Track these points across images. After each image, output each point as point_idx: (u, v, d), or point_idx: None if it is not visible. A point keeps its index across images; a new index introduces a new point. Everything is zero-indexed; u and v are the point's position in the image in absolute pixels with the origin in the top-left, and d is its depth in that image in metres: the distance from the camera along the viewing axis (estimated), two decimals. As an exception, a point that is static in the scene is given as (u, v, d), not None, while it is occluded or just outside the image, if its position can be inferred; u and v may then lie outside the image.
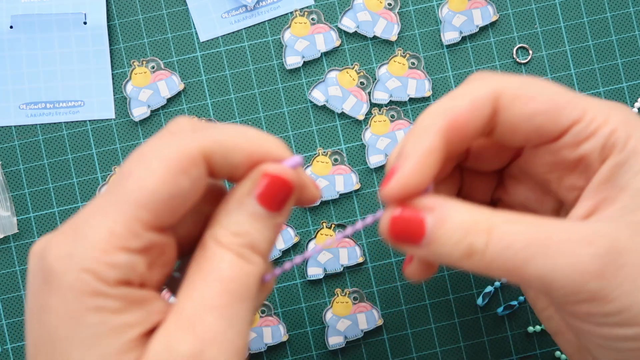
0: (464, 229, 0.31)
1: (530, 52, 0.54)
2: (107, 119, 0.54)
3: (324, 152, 0.54)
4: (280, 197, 0.32)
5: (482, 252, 0.31)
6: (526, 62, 0.54)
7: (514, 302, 0.53)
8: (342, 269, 0.53)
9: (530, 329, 0.53)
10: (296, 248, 0.53)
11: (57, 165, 0.54)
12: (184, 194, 0.30)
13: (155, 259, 0.31)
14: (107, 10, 0.54)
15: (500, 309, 0.53)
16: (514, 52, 0.54)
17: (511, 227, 0.31)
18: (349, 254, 0.53)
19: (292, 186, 0.33)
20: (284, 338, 0.53)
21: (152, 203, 0.30)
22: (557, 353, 0.53)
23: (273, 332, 0.53)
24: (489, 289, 0.53)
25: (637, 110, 0.54)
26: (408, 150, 0.32)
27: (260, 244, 0.32)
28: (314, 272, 0.53)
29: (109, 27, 0.54)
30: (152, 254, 0.31)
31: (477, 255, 0.31)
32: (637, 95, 0.54)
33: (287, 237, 0.53)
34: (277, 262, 0.53)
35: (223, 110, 0.54)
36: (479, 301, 0.53)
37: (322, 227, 0.53)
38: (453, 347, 0.53)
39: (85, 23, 0.54)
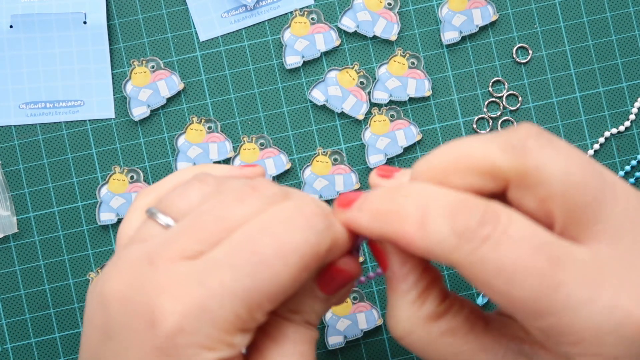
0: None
1: (530, 51, 0.54)
2: (107, 119, 0.54)
3: (324, 152, 0.54)
4: (338, 285, 0.34)
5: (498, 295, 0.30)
6: (526, 62, 0.54)
7: (514, 302, 0.53)
8: (341, 269, 0.53)
9: (530, 328, 0.53)
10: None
11: (57, 165, 0.54)
12: (301, 286, 0.32)
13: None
14: (107, 10, 0.54)
15: (500, 309, 0.53)
16: (514, 51, 0.54)
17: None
18: (348, 254, 0.53)
19: (352, 276, 0.35)
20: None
21: (279, 296, 0.31)
22: (557, 353, 0.53)
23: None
24: (489, 288, 0.53)
25: (637, 110, 0.54)
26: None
27: (314, 320, 0.34)
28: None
29: (109, 26, 0.54)
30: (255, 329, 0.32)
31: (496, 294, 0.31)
32: (637, 95, 0.54)
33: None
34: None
35: (223, 110, 0.54)
36: (479, 300, 0.53)
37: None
38: (453, 346, 0.53)
39: (85, 23, 0.54)
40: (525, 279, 0.28)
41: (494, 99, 0.54)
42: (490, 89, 0.54)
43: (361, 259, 0.53)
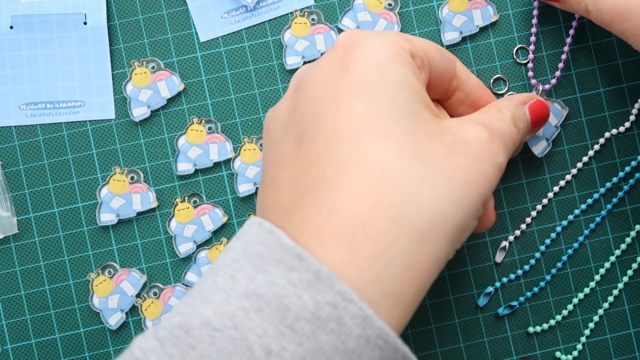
0: None
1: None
2: (107, 119, 0.54)
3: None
4: (540, 118, 0.46)
5: (590, 13, 0.47)
6: (526, 63, 0.54)
7: (514, 302, 0.53)
8: (342, 270, 0.53)
9: (531, 329, 0.53)
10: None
11: (57, 166, 0.54)
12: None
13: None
14: (107, 11, 0.54)
15: (500, 309, 0.53)
16: (514, 52, 0.54)
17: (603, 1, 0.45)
18: (349, 255, 0.53)
19: (547, 117, 0.46)
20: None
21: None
22: (557, 354, 0.53)
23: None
24: (489, 289, 0.53)
25: (637, 110, 0.54)
26: None
27: (520, 132, 0.43)
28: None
29: (109, 27, 0.54)
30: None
31: (589, 14, 0.47)
32: (637, 96, 0.54)
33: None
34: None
35: (223, 110, 0.54)
36: (479, 301, 0.53)
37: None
38: (453, 347, 0.53)
39: (85, 23, 0.54)
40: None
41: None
42: (491, 86, 0.54)
43: None
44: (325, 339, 0.32)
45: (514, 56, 0.54)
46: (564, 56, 0.52)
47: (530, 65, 0.53)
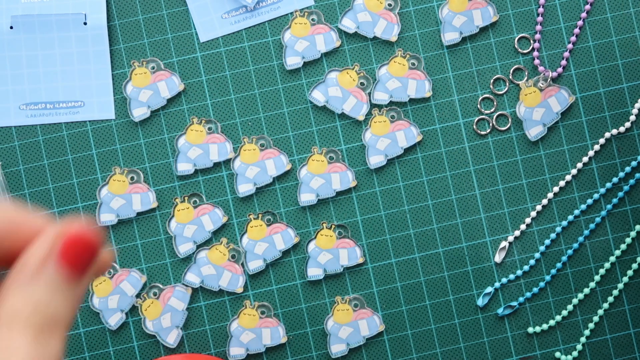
0: None
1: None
2: (107, 120, 0.54)
3: (319, 150, 0.54)
4: (86, 258, 0.25)
5: None
6: (530, 51, 0.54)
7: (514, 303, 0.53)
8: (342, 270, 0.53)
9: (530, 329, 0.53)
10: (296, 248, 0.54)
11: (57, 166, 0.54)
12: None
13: None
14: (107, 11, 0.54)
15: (500, 310, 0.53)
16: (515, 41, 0.54)
17: None
18: (349, 255, 0.53)
19: (98, 243, 0.25)
20: (283, 340, 0.53)
21: None
22: (557, 354, 0.53)
23: (272, 333, 0.53)
24: (489, 289, 0.53)
25: (637, 110, 0.54)
26: None
27: (64, 316, 0.25)
28: (314, 272, 0.53)
29: (109, 27, 0.54)
30: None
31: None
32: (637, 96, 0.54)
33: (287, 237, 0.53)
34: (276, 262, 0.54)
35: (223, 110, 0.54)
36: (479, 302, 0.53)
37: (322, 228, 0.53)
38: (453, 347, 0.53)
39: (85, 23, 0.54)
40: None
41: (491, 97, 0.54)
42: (491, 86, 0.54)
43: (361, 260, 0.53)
44: None
45: (515, 45, 0.54)
46: (566, 54, 0.52)
47: (536, 53, 0.52)
